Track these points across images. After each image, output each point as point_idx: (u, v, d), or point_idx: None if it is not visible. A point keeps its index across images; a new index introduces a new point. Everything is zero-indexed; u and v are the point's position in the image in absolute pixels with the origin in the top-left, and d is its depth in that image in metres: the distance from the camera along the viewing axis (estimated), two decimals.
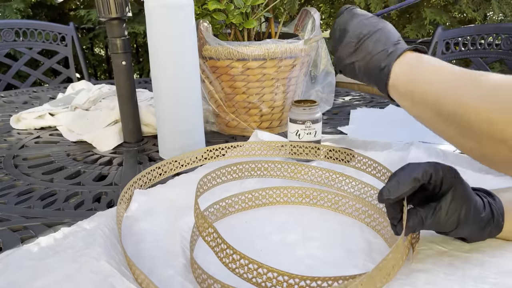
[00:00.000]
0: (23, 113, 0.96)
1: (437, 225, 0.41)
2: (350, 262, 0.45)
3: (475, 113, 0.37)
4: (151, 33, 0.68)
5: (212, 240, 0.40)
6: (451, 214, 0.40)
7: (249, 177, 0.63)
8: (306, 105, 0.69)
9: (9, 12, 2.19)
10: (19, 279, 0.41)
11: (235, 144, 0.69)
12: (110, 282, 0.39)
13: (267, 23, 0.90)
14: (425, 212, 0.40)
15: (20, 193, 0.62)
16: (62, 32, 1.65)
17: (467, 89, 0.38)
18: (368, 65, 0.48)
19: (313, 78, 0.99)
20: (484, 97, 0.37)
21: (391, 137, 0.77)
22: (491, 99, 0.36)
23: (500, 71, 1.95)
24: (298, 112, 0.69)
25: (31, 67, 1.65)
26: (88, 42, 2.92)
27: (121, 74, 0.77)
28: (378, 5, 2.18)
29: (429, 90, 0.41)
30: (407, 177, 0.40)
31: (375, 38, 0.48)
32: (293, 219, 0.55)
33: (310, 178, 0.63)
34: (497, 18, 2.20)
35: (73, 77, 1.67)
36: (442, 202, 0.40)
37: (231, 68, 0.79)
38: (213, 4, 0.76)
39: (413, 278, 0.41)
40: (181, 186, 0.63)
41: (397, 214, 0.42)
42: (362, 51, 0.48)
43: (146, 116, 0.85)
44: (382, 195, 0.40)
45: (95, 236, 0.46)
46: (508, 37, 1.32)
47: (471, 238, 0.45)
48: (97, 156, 0.78)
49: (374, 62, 0.47)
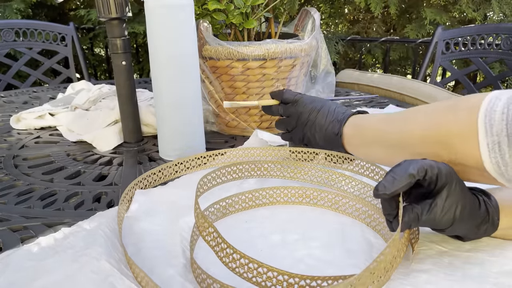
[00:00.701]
0: (23, 113, 0.96)
1: (432, 222, 0.41)
2: (350, 262, 0.45)
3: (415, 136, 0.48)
4: (151, 33, 0.68)
5: (212, 239, 0.40)
6: (446, 211, 0.41)
7: (249, 177, 0.63)
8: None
9: (9, 12, 2.19)
10: (19, 279, 0.41)
11: (238, 148, 0.69)
12: (111, 281, 0.39)
13: (267, 23, 0.90)
14: (421, 208, 0.41)
15: (20, 193, 0.62)
16: (62, 32, 1.65)
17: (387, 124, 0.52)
18: (327, 134, 0.60)
19: (313, 78, 0.99)
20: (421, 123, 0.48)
21: None
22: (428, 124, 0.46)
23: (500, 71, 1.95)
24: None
25: (31, 67, 1.65)
26: (88, 42, 2.92)
27: (121, 74, 0.77)
28: (378, 5, 2.18)
29: (367, 133, 0.55)
30: (402, 172, 0.40)
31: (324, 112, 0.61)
32: (293, 219, 0.55)
33: (310, 178, 0.63)
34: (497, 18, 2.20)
35: (73, 77, 1.67)
36: (438, 198, 0.41)
37: (231, 68, 0.79)
38: (213, 4, 0.76)
39: (413, 278, 0.41)
40: (181, 186, 0.63)
41: (392, 210, 0.42)
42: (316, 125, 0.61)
43: (146, 116, 0.85)
44: (377, 190, 0.40)
45: (96, 236, 0.46)
46: (508, 37, 1.32)
47: (467, 236, 0.45)
48: (97, 156, 0.78)
49: (329, 130, 0.60)
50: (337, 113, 0.60)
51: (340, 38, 2.42)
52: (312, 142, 0.63)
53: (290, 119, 0.65)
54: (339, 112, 0.60)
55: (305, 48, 0.81)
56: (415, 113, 0.50)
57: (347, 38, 2.42)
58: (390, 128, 0.51)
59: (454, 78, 1.55)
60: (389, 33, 2.72)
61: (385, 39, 2.29)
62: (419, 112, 0.49)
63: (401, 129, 0.50)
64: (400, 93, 1.59)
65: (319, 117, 0.61)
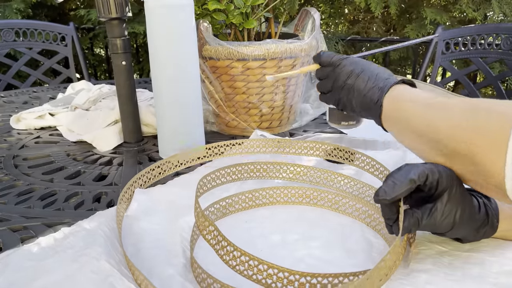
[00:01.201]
0: (23, 113, 0.96)
1: (432, 226, 0.41)
2: (350, 261, 0.45)
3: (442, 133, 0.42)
4: (151, 33, 0.68)
5: (213, 238, 0.40)
6: (446, 215, 0.40)
7: (249, 178, 0.63)
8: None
9: (9, 12, 2.19)
10: (19, 279, 0.41)
11: (234, 142, 0.69)
12: (110, 282, 0.39)
13: (267, 23, 0.90)
14: (421, 213, 0.41)
15: (20, 193, 0.62)
16: (62, 32, 1.65)
17: (437, 113, 0.44)
18: (364, 100, 0.54)
19: (313, 78, 0.99)
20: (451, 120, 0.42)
21: (391, 137, 0.77)
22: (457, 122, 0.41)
23: (500, 71, 1.95)
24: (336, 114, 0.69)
25: (31, 67, 1.65)
26: (88, 42, 2.92)
27: (121, 74, 0.77)
28: (378, 5, 2.18)
29: (408, 116, 0.48)
30: (403, 178, 0.40)
31: (365, 77, 0.54)
32: (293, 219, 0.55)
33: (310, 179, 0.63)
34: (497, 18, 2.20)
35: (73, 77, 1.67)
36: (438, 203, 0.41)
37: (231, 68, 0.79)
38: (213, 4, 0.76)
39: (414, 278, 0.41)
40: (181, 186, 0.63)
41: (392, 215, 0.42)
42: (354, 89, 0.55)
43: (146, 116, 0.85)
44: (378, 195, 0.40)
45: (96, 236, 0.46)
46: (508, 37, 1.32)
47: (466, 239, 0.45)
48: (97, 156, 0.78)
49: (367, 97, 0.53)
50: (378, 79, 0.53)
51: (340, 38, 2.42)
52: (348, 107, 0.58)
53: (326, 82, 0.60)
54: (381, 78, 0.53)
55: (305, 48, 0.81)
56: (454, 107, 0.43)
57: (347, 38, 2.42)
58: (424, 113, 0.45)
59: (454, 78, 1.55)
60: (389, 33, 2.72)
61: (385, 39, 2.29)
62: (456, 108, 0.43)
63: (431, 121, 0.44)
64: None
65: (358, 81, 0.55)
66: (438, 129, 0.43)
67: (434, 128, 0.43)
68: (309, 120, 0.95)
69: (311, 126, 0.92)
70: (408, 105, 0.48)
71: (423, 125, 0.45)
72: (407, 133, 0.48)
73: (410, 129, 0.47)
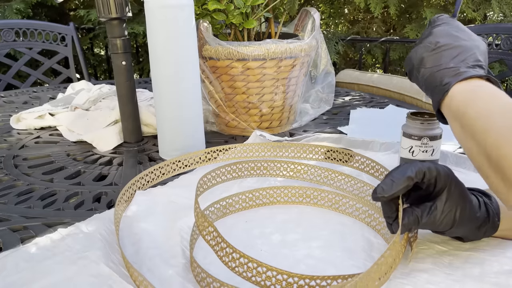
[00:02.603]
0: (23, 113, 0.96)
1: (432, 224, 0.41)
2: (350, 262, 0.45)
3: (506, 160, 0.36)
4: (151, 33, 0.68)
5: (212, 239, 0.40)
6: (446, 213, 0.41)
7: (249, 176, 0.63)
8: (424, 119, 0.59)
9: (9, 12, 2.19)
10: (18, 280, 0.41)
11: (234, 146, 0.69)
12: (110, 285, 0.39)
13: (267, 23, 0.90)
14: (421, 210, 0.41)
15: (20, 193, 0.62)
16: (62, 32, 1.65)
17: (509, 135, 0.37)
18: (433, 75, 0.46)
19: (313, 78, 0.99)
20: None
21: (391, 137, 0.77)
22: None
23: (500, 71, 1.95)
24: (414, 126, 0.60)
25: (31, 67, 1.65)
26: (88, 42, 2.92)
27: (121, 74, 0.77)
28: (378, 5, 2.18)
29: (476, 122, 0.41)
30: (400, 175, 0.40)
31: (450, 53, 0.46)
32: (293, 219, 0.55)
33: (310, 177, 0.63)
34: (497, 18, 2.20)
35: (73, 77, 1.67)
36: (438, 201, 0.41)
37: (231, 68, 0.79)
38: (213, 4, 0.76)
39: (414, 278, 0.41)
40: (181, 187, 0.63)
41: (392, 213, 0.42)
42: (433, 60, 0.47)
43: (146, 116, 0.85)
44: (376, 193, 0.40)
45: (94, 240, 0.46)
46: (508, 37, 1.32)
47: (467, 238, 0.45)
48: (97, 156, 0.78)
49: (439, 74, 0.46)
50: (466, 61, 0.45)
51: (340, 38, 2.42)
52: (414, 75, 0.50)
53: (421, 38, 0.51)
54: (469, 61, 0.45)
55: (305, 48, 0.81)
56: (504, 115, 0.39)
57: (347, 38, 2.42)
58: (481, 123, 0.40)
59: None
60: (389, 33, 2.72)
61: (385, 39, 2.29)
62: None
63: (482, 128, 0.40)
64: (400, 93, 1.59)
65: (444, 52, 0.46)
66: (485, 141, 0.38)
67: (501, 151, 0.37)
68: (309, 120, 0.95)
69: (311, 126, 0.92)
70: (482, 109, 0.41)
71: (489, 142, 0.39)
72: (469, 136, 0.42)
73: (472, 135, 0.41)
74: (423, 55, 0.48)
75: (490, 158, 0.38)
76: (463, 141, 0.43)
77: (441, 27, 0.49)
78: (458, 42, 0.47)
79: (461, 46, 0.46)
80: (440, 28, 0.49)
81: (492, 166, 0.38)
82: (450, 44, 0.47)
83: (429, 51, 0.48)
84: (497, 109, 0.40)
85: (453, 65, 0.45)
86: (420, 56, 0.48)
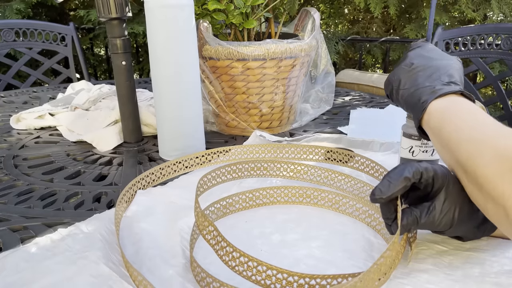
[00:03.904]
0: (23, 113, 0.96)
1: (431, 224, 0.41)
2: (351, 262, 0.45)
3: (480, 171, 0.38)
4: (151, 33, 0.68)
5: (212, 238, 0.40)
6: (445, 213, 0.41)
7: (249, 177, 0.63)
8: None
9: (9, 12, 2.19)
10: (18, 280, 0.41)
11: (235, 147, 0.69)
12: (110, 285, 0.39)
13: (267, 23, 0.90)
14: (419, 211, 0.41)
15: (20, 193, 0.62)
16: (62, 32, 1.65)
17: (482, 146, 0.38)
18: (411, 95, 0.49)
19: (313, 78, 0.99)
20: (495, 160, 0.37)
21: (391, 137, 0.77)
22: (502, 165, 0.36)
23: (500, 71, 1.95)
24: (414, 126, 0.62)
25: (31, 67, 1.65)
26: (88, 42, 2.92)
27: (121, 74, 0.77)
28: (378, 5, 2.18)
29: (451, 136, 0.42)
30: (398, 176, 0.40)
31: (425, 73, 0.49)
32: (293, 219, 0.55)
33: (310, 177, 0.63)
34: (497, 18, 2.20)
35: (73, 77, 1.67)
36: (436, 201, 0.41)
37: (231, 68, 0.79)
38: (213, 4, 0.76)
39: (414, 278, 0.41)
40: (181, 187, 0.63)
41: (391, 214, 0.42)
42: (410, 81, 0.50)
43: (146, 116, 0.85)
44: (374, 194, 0.41)
45: (94, 240, 0.46)
46: (508, 37, 1.32)
47: (466, 237, 0.45)
48: (97, 156, 0.78)
49: (417, 93, 0.48)
50: (440, 79, 0.47)
51: (340, 38, 2.42)
52: (394, 96, 0.53)
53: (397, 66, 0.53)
54: (443, 78, 0.47)
55: (305, 48, 0.81)
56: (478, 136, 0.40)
57: (347, 38, 2.42)
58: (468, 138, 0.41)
59: None
60: (389, 33, 2.73)
61: (385, 39, 2.29)
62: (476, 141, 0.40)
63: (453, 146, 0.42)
64: None
65: (420, 73, 0.49)
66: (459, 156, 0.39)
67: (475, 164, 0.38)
68: (309, 120, 0.95)
69: (311, 126, 0.92)
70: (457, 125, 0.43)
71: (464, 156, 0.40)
72: (446, 152, 0.43)
73: (450, 150, 0.42)
74: (401, 77, 0.51)
75: (466, 170, 0.39)
76: (443, 156, 0.45)
77: (415, 50, 0.53)
78: (431, 62, 0.50)
79: (434, 66, 0.49)
80: (414, 51, 0.53)
81: (469, 178, 0.39)
82: (424, 65, 0.50)
83: (405, 72, 0.51)
84: (469, 122, 0.42)
85: (428, 84, 0.48)
86: (398, 78, 0.51)
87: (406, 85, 0.50)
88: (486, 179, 0.37)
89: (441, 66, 0.49)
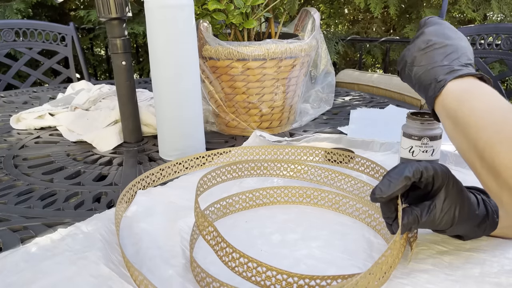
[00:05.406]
0: (23, 113, 0.96)
1: (432, 223, 0.41)
2: (351, 262, 0.45)
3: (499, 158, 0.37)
4: (151, 33, 0.68)
5: (212, 238, 0.40)
6: (445, 212, 0.41)
7: (249, 176, 0.63)
8: (424, 119, 0.59)
9: (9, 12, 2.19)
10: (18, 280, 0.41)
11: (235, 148, 0.69)
12: (109, 285, 0.39)
13: (267, 23, 0.90)
14: (420, 210, 0.41)
15: (20, 193, 0.62)
16: (62, 32, 1.65)
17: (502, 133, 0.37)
18: (426, 73, 0.47)
19: (313, 78, 0.99)
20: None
21: (391, 137, 0.77)
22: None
23: (500, 71, 1.95)
24: (414, 126, 0.60)
25: (31, 67, 1.65)
26: (88, 42, 2.92)
27: (121, 74, 0.77)
28: (378, 5, 2.18)
29: (470, 119, 0.41)
30: (398, 175, 0.40)
31: (443, 51, 0.47)
32: (293, 219, 0.55)
33: (310, 177, 0.63)
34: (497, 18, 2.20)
35: (73, 77, 1.67)
36: (436, 200, 0.41)
37: (231, 68, 0.79)
38: (213, 4, 0.76)
39: (414, 278, 0.41)
40: (181, 187, 0.63)
41: (391, 214, 0.42)
42: (426, 58, 0.48)
43: (146, 116, 0.85)
44: (374, 194, 0.40)
45: (94, 240, 0.46)
46: (508, 37, 1.32)
47: (467, 236, 0.45)
48: (97, 156, 0.78)
49: (433, 72, 0.46)
50: (459, 60, 0.46)
51: (340, 38, 2.42)
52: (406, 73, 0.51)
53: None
54: (461, 59, 0.46)
55: (305, 48, 0.81)
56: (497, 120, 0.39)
57: (347, 38, 2.42)
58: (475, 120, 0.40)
59: None
60: (389, 33, 2.73)
61: (385, 39, 2.29)
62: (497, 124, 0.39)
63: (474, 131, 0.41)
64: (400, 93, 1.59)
65: (437, 50, 0.47)
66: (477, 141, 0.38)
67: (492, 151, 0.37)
68: (309, 120, 0.95)
69: (311, 126, 0.92)
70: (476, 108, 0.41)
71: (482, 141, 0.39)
72: (462, 135, 0.42)
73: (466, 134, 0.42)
74: (416, 54, 0.49)
75: (483, 156, 0.39)
76: (455, 139, 0.44)
77: (433, 27, 0.50)
78: (450, 41, 0.48)
79: (454, 45, 0.47)
80: (432, 28, 0.50)
81: (484, 164, 0.39)
82: (443, 42, 0.48)
83: (422, 49, 0.48)
84: (490, 108, 0.41)
85: (446, 63, 0.46)
86: (413, 55, 0.49)
87: (421, 62, 0.48)
88: (506, 167, 0.36)
89: (460, 47, 0.47)
